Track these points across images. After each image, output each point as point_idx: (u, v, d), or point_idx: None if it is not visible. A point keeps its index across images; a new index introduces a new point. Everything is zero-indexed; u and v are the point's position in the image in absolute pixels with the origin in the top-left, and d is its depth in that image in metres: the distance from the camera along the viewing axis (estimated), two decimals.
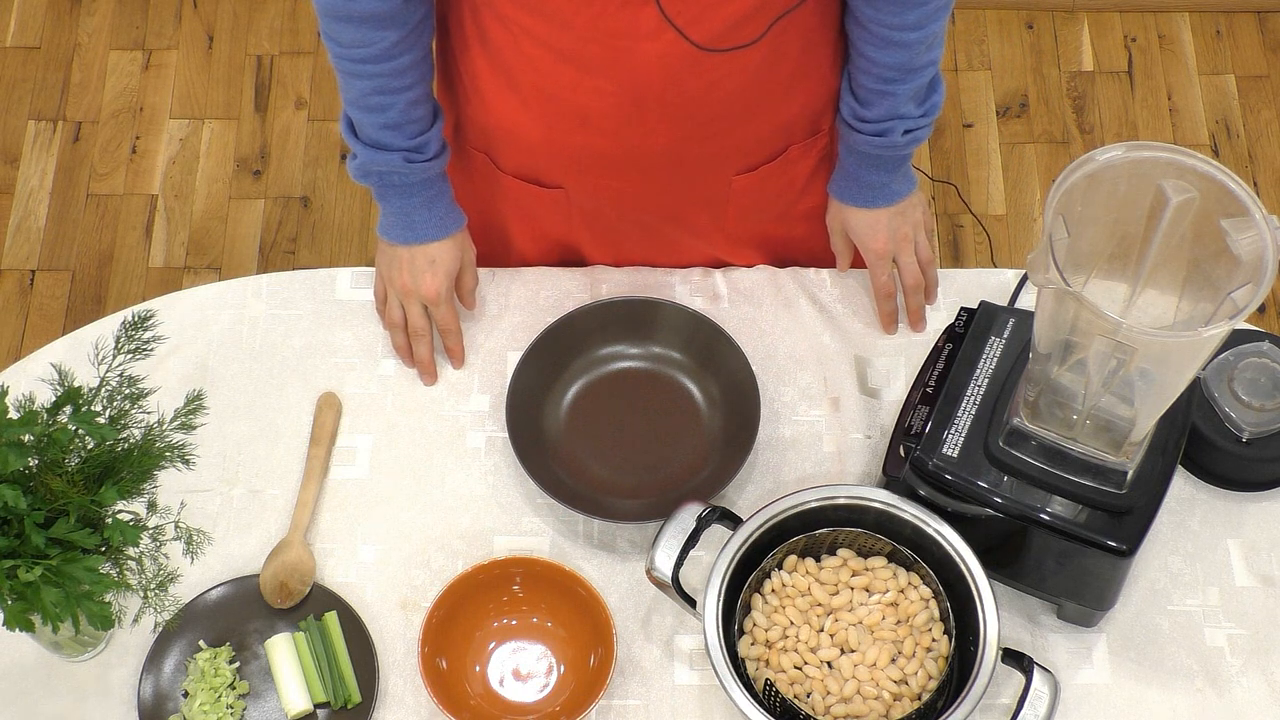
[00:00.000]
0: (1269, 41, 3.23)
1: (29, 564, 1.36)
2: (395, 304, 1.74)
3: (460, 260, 1.73)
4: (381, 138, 1.64)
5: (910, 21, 1.59)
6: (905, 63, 1.63)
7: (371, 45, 1.57)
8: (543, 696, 1.59)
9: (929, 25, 1.60)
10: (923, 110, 1.69)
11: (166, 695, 1.57)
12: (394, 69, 1.59)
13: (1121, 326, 1.31)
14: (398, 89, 1.61)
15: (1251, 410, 1.64)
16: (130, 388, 1.48)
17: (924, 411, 1.57)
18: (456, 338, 1.75)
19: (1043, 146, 3.10)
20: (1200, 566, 1.65)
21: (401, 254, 1.71)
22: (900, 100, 1.66)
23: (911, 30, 1.59)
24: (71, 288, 2.93)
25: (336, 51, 1.60)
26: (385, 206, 1.70)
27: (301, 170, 3.06)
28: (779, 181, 1.78)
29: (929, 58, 1.64)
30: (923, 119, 1.69)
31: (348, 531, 1.67)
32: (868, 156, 1.71)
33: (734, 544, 1.53)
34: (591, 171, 1.71)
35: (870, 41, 1.62)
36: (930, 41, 1.62)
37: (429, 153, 1.66)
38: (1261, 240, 1.32)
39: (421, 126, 1.66)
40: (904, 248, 1.76)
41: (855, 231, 1.77)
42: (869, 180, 1.73)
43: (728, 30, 1.53)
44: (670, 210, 1.77)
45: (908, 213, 1.76)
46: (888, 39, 1.60)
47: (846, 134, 1.71)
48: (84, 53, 3.20)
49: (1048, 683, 1.45)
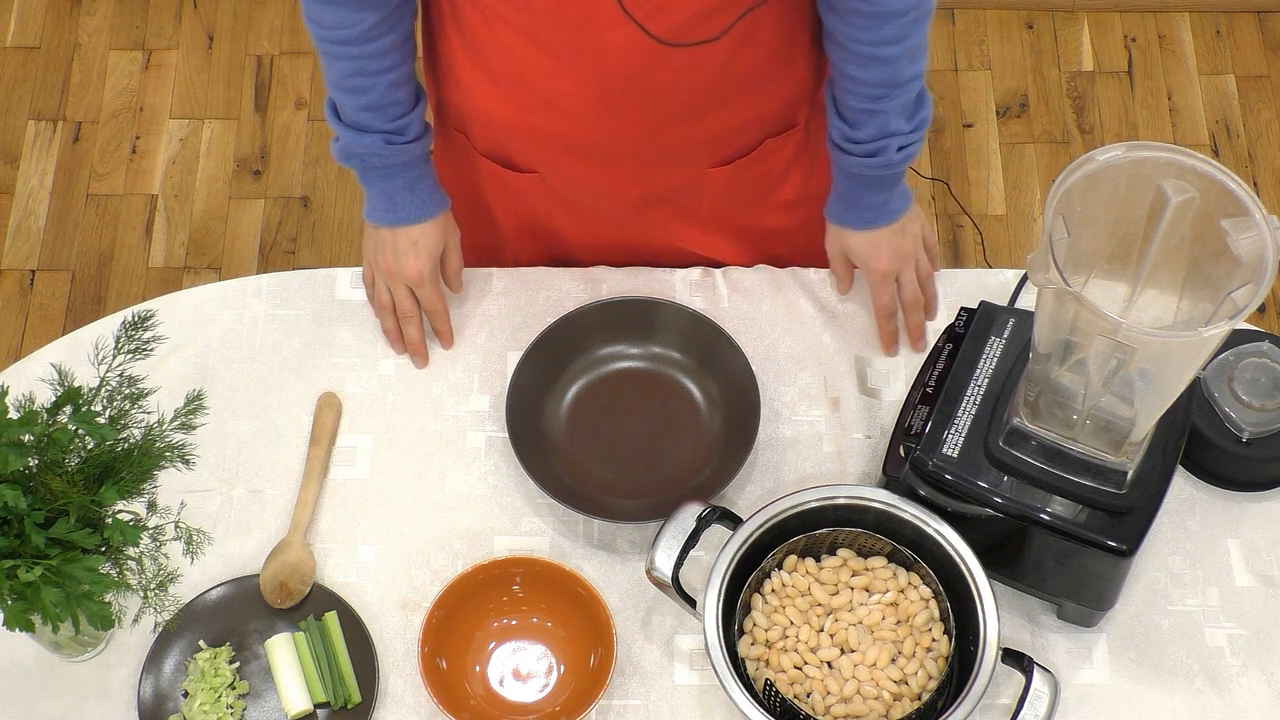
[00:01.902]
0: (1269, 41, 3.23)
1: (29, 564, 1.36)
2: (382, 286, 1.75)
3: (444, 242, 1.74)
4: (362, 119, 1.65)
5: (888, 35, 1.56)
6: (889, 78, 1.60)
7: (351, 27, 1.58)
8: (543, 696, 1.59)
9: (908, 37, 1.57)
10: (913, 125, 1.66)
11: (166, 695, 1.57)
12: (374, 51, 1.60)
13: (1121, 326, 1.31)
14: (378, 71, 1.62)
15: (1251, 410, 1.64)
16: (130, 388, 1.48)
17: (924, 411, 1.57)
18: (443, 318, 1.76)
19: (1043, 146, 3.10)
20: (1200, 566, 1.65)
21: (385, 236, 1.72)
22: (890, 117, 1.63)
23: (891, 44, 1.57)
24: (71, 288, 2.93)
25: (317, 33, 1.61)
26: (368, 189, 1.71)
27: (301, 170, 3.06)
28: (753, 173, 1.78)
29: (913, 71, 1.60)
30: (914, 134, 1.66)
31: (348, 531, 1.67)
32: (863, 179, 1.68)
33: (734, 544, 1.53)
34: (564, 156, 1.72)
35: (851, 60, 1.59)
36: (912, 54, 1.59)
37: (409, 135, 1.67)
38: (1261, 240, 1.32)
39: (403, 109, 1.66)
40: (906, 264, 1.74)
41: (857, 254, 1.74)
42: (868, 202, 1.70)
43: (688, 25, 1.53)
44: (644, 198, 1.77)
45: (908, 228, 1.74)
46: (869, 55, 1.58)
47: (839, 157, 1.68)
48: (84, 53, 3.20)
49: (1048, 683, 1.45)
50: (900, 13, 1.54)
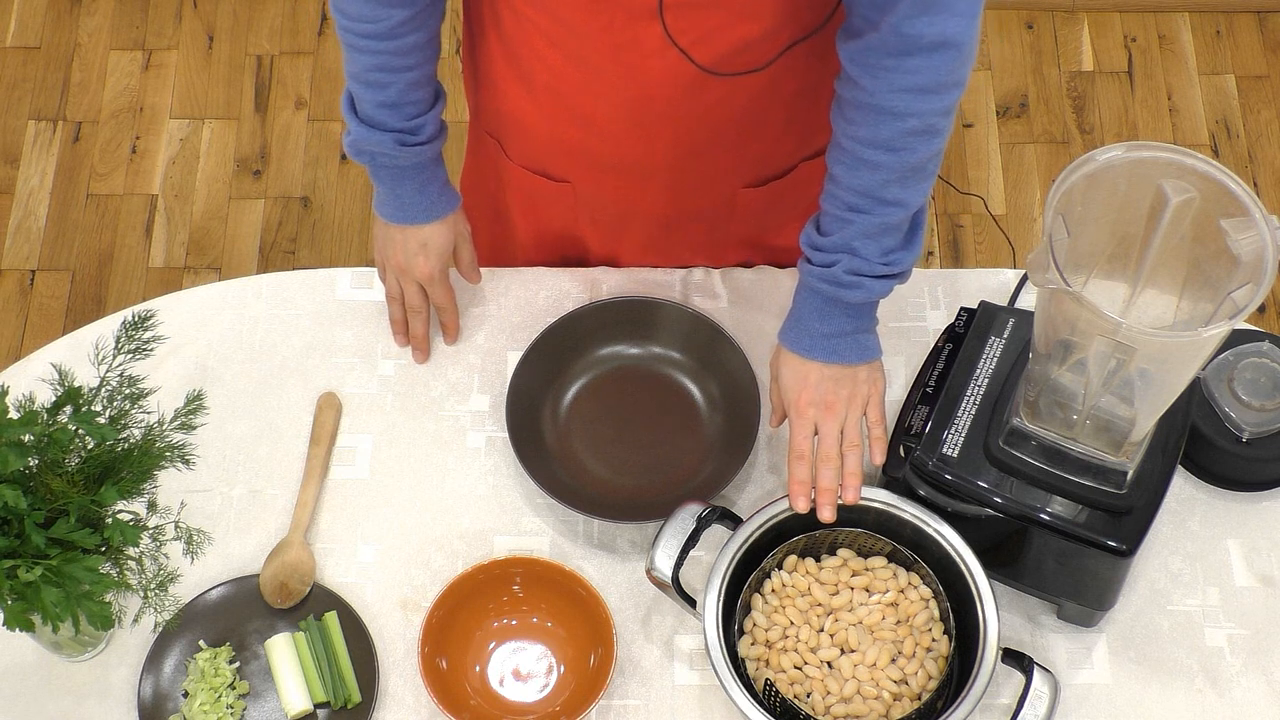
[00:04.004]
0: (1269, 41, 3.23)
1: (29, 564, 1.36)
2: (393, 278, 1.75)
3: (453, 241, 1.74)
4: (377, 115, 1.64)
5: (883, 138, 1.45)
6: (871, 189, 1.47)
7: (378, 21, 1.57)
8: (543, 696, 1.59)
9: (905, 149, 1.45)
10: (883, 259, 1.51)
11: (166, 695, 1.57)
12: (398, 47, 1.59)
13: (1121, 326, 1.31)
14: (399, 68, 1.61)
15: (1251, 410, 1.64)
16: (130, 388, 1.48)
17: (924, 411, 1.57)
18: (452, 314, 1.76)
19: (1043, 146, 3.10)
20: (1200, 566, 1.65)
21: (394, 234, 1.72)
22: (856, 233, 1.50)
23: (884, 150, 1.45)
24: (71, 288, 2.93)
25: (342, 24, 1.59)
26: (378, 185, 1.71)
27: (301, 170, 3.06)
28: (786, 195, 1.77)
29: (899, 195, 1.48)
30: (874, 264, 1.51)
31: (348, 531, 1.67)
32: (814, 294, 1.55)
33: (734, 544, 1.53)
34: (596, 170, 1.71)
35: (840, 159, 1.49)
36: (904, 174, 1.47)
37: (423, 135, 1.66)
38: (1261, 240, 1.32)
39: (419, 109, 1.65)
40: (827, 415, 1.56)
41: (783, 378, 1.60)
42: (812, 326, 1.56)
43: (732, 55, 1.52)
44: (673, 214, 1.77)
45: (849, 381, 1.57)
46: (858, 156, 1.47)
47: (800, 264, 1.57)
48: (84, 53, 3.20)
49: (1048, 683, 1.45)
50: (899, 113, 1.44)
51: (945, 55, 1.41)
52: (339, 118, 3.11)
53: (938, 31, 1.39)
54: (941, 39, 1.39)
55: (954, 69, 1.42)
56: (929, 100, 1.43)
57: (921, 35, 1.39)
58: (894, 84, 1.42)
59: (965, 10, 1.39)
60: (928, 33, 1.39)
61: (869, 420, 1.59)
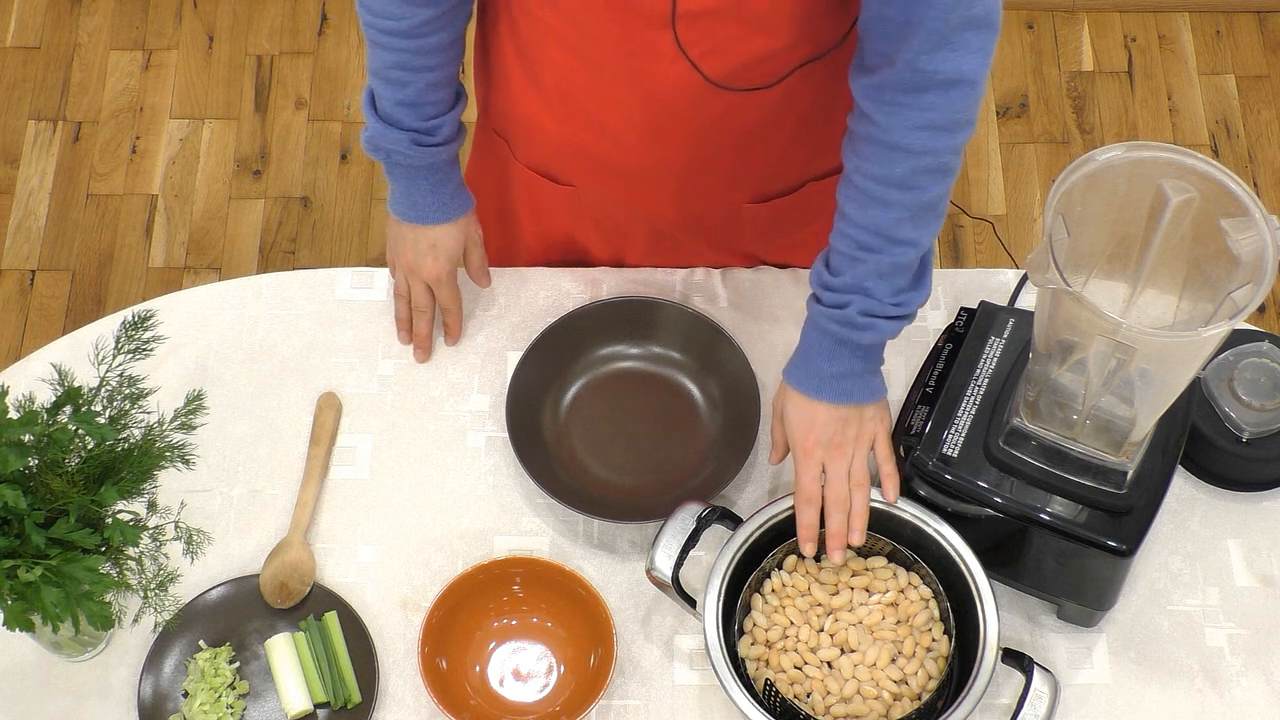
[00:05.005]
0: (1269, 41, 3.23)
1: (29, 564, 1.36)
2: (401, 276, 1.75)
3: (464, 243, 1.74)
4: (396, 113, 1.64)
5: (896, 175, 1.44)
6: (883, 227, 1.47)
7: (402, 19, 1.57)
8: (543, 696, 1.59)
9: (917, 187, 1.45)
10: (894, 299, 1.51)
11: (166, 695, 1.57)
12: (420, 47, 1.59)
13: (1121, 326, 1.31)
14: (420, 67, 1.60)
15: (1251, 410, 1.64)
16: (130, 388, 1.48)
17: (924, 411, 1.57)
18: (456, 316, 1.77)
19: (1043, 146, 3.10)
20: (1200, 566, 1.65)
21: (406, 233, 1.72)
22: (869, 273, 1.50)
23: (896, 187, 1.45)
24: (71, 288, 2.93)
25: (366, 19, 1.59)
26: (393, 183, 1.71)
27: (301, 170, 3.06)
28: (791, 212, 1.76)
29: (910, 234, 1.47)
30: (886, 305, 1.50)
31: (348, 531, 1.67)
32: (824, 335, 1.54)
33: (734, 544, 1.54)
34: (603, 174, 1.70)
35: (852, 196, 1.48)
36: (916, 213, 1.47)
37: (439, 137, 1.66)
38: (1261, 240, 1.32)
39: (438, 109, 1.65)
40: (835, 455, 1.55)
41: (789, 419, 1.58)
42: (820, 367, 1.55)
43: (742, 70, 1.51)
44: (678, 223, 1.77)
45: (856, 421, 1.56)
46: (869, 194, 1.46)
47: (810, 304, 1.56)
48: (84, 53, 3.20)
49: (1048, 683, 1.45)
50: (913, 150, 1.43)
51: (960, 92, 1.41)
52: (339, 118, 3.11)
53: (952, 68, 1.39)
54: (957, 75, 1.39)
55: (967, 107, 1.42)
56: (942, 138, 1.43)
57: (937, 71, 1.39)
58: (909, 120, 1.42)
59: (980, 47, 1.39)
60: (943, 69, 1.39)
61: (878, 458, 1.57)
